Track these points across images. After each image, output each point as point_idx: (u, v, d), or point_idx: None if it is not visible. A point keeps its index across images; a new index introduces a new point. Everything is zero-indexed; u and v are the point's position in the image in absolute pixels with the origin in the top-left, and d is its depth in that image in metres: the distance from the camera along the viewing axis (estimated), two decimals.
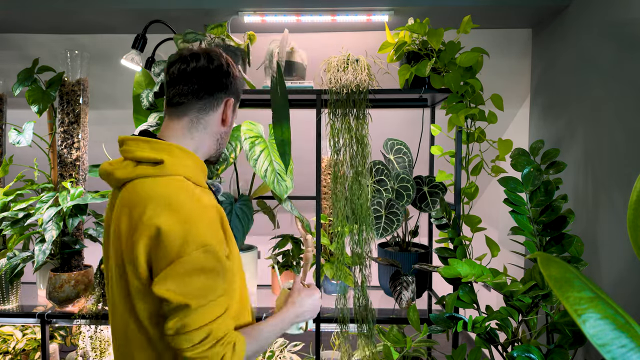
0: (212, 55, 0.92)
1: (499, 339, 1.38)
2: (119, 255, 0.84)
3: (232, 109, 0.96)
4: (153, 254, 0.79)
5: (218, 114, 0.94)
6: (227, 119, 0.96)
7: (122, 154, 0.88)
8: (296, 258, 1.96)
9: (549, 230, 1.39)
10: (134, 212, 0.81)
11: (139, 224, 0.79)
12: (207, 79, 0.90)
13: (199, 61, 0.90)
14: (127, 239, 0.81)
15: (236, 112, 1.01)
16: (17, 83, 1.77)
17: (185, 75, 0.90)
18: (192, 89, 0.90)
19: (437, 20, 1.90)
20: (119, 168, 0.86)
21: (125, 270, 0.82)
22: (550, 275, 0.47)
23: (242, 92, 1.02)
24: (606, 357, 0.43)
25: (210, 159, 1.00)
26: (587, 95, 1.60)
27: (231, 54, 1.71)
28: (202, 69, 0.90)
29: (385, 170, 1.79)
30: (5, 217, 1.75)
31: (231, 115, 0.97)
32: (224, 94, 0.94)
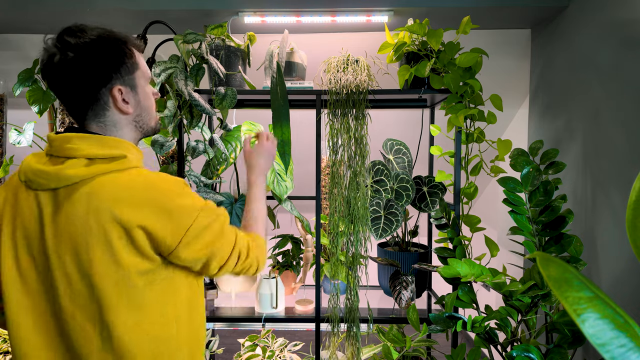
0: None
1: (498, 338, 1.38)
2: (83, 259, 0.81)
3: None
4: (155, 240, 0.82)
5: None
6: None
7: (63, 152, 0.83)
8: (296, 258, 1.96)
9: (548, 230, 1.40)
10: (114, 210, 0.79)
11: (124, 222, 0.79)
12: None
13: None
14: (104, 237, 0.80)
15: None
16: (17, 83, 1.77)
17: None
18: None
19: (437, 20, 1.90)
20: (67, 167, 0.82)
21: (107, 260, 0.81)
22: (549, 275, 0.48)
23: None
24: (605, 357, 0.43)
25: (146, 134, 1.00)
26: (587, 95, 1.61)
27: (231, 54, 1.71)
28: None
29: (384, 171, 1.79)
30: None
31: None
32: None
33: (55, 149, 0.84)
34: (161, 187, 0.84)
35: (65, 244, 0.81)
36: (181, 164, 1.67)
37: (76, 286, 0.81)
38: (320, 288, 1.68)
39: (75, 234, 0.80)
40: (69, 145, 0.83)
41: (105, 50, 0.85)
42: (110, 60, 0.86)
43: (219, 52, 1.69)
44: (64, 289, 0.81)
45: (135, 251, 0.81)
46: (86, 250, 0.80)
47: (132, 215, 0.79)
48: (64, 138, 0.84)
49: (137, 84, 0.91)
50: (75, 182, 0.81)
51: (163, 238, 0.81)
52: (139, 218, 0.80)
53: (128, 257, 0.81)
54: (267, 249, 1.07)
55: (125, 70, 0.88)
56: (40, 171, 0.83)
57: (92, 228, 0.79)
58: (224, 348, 2.22)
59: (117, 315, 0.81)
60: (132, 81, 0.90)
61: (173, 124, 1.59)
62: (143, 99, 0.93)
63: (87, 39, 0.83)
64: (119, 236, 0.80)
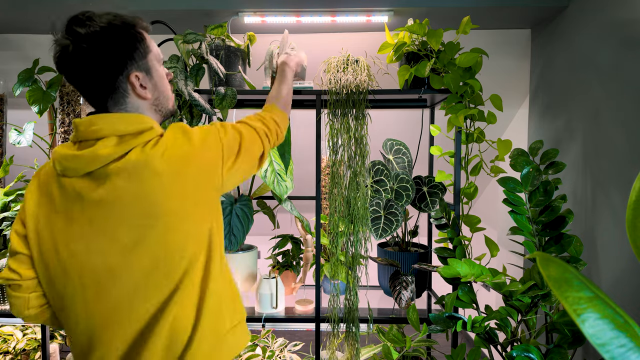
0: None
1: (498, 338, 1.38)
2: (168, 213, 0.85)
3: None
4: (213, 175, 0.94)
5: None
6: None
7: (91, 135, 0.85)
8: (296, 258, 1.96)
9: (548, 230, 1.40)
10: (170, 170, 0.85)
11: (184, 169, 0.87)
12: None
13: None
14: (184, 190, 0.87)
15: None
16: (17, 83, 1.77)
17: None
18: None
19: (437, 20, 1.91)
20: (99, 147, 0.83)
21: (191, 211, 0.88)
22: (549, 275, 0.48)
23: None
24: (605, 357, 0.43)
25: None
26: (587, 95, 1.61)
27: (231, 54, 1.71)
28: None
29: (384, 171, 1.79)
30: (5, 217, 1.75)
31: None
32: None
33: (82, 133, 0.86)
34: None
35: (116, 218, 0.84)
36: None
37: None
38: (320, 288, 1.68)
39: (130, 206, 0.83)
40: (94, 127, 0.84)
41: (117, 37, 0.85)
42: (124, 47, 0.86)
43: (219, 52, 1.69)
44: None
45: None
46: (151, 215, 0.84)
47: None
48: (89, 121, 0.85)
49: (151, 67, 0.92)
50: (111, 160, 0.83)
51: (217, 169, 0.93)
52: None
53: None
54: (284, 117, 1.23)
55: (139, 55, 0.89)
56: (73, 156, 0.84)
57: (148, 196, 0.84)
58: None
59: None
60: (146, 65, 0.90)
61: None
62: (159, 82, 0.94)
63: (97, 27, 0.83)
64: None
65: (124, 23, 0.86)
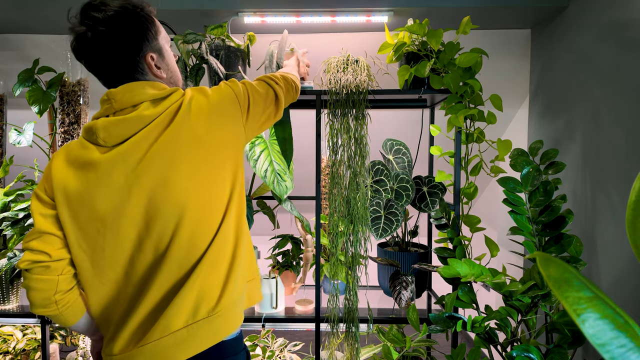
0: None
1: (498, 338, 1.38)
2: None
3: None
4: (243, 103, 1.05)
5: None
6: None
7: (128, 102, 0.91)
8: (296, 258, 1.96)
9: (548, 230, 1.40)
10: (200, 114, 0.95)
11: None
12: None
13: None
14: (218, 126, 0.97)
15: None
16: (17, 83, 1.77)
17: None
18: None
19: (437, 21, 1.91)
20: (142, 109, 0.91)
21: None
22: (549, 275, 0.48)
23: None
24: (605, 357, 0.43)
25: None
26: (586, 95, 1.61)
27: (231, 54, 1.71)
28: None
29: (384, 171, 1.79)
30: (5, 217, 1.75)
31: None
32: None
33: (118, 103, 0.91)
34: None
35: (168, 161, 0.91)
36: None
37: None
38: (320, 288, 1.68)
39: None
40: (133, 93, 0.91)
41: (131, 19, 0.90)
42: (138, 29, 0.92)
43: (219, 52, 1.69)
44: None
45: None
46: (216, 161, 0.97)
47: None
48: (126, 88, 0.92)
49: (163, 47, 0.98)
50: (151, 120, 0.91)
51: (236, 107, 1.03)
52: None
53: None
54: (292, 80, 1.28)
55: (151, 36, 0.95)
56: (120, 120, 0.90)
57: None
58: None
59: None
60: (158, 46, 0.97)
61: None
62: (170, 62, 1.01)
63: (112, 11, 0.88)
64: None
65: (134, 6, 0.91)
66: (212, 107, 0.97)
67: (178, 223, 0.90)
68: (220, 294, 0.94)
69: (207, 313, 0.92)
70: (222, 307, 0.94)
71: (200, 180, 0.92)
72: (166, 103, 0.93)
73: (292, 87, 1.26)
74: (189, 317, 0.90)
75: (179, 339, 0.89)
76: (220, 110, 0.98)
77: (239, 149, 1.02)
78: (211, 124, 0.95)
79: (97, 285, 0.93)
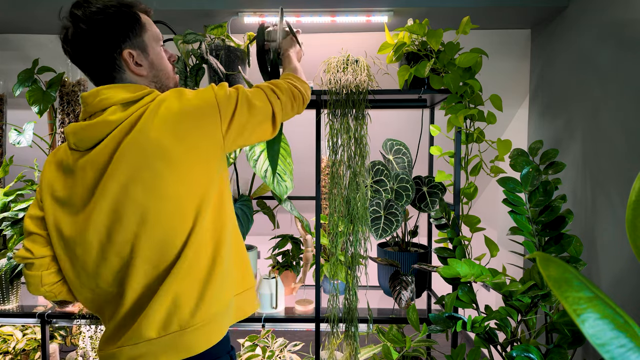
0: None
1: (498, 338, 1.38)
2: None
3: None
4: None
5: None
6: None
7: (98, 106, 0.91)
8: (296, 258, 1.96)
9: (547, 230, 1.40)
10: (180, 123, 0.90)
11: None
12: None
13: None
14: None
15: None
16: (17, 83, 1.77)
17: None
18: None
19: (437, 21, 1.90)
20: (108, 114, 0.89)
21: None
22: (549, 275, 0.48)
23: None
24: (605, 357, 0.43)
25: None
26: (586, 95, 1.61)
27: (231, 54, 1.71)
28: None
29: (384, 171, 1.79)
30: (5, 217, 1.75)
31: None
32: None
33: (90, 106, 0.92)
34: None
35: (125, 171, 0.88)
36: None
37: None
38: (320, 288, 1.68)
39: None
40: (100, 98, 0.91)
41: (112, 16, 0.91)
42: (118, 26, 0.92)
43: (219, 52, 1.69)
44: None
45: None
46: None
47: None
48: (94, 93, 0.92)
49: (148, 46, 0.97)
50: (117, 125, 0.89)
51: (214, 120, 0.95)
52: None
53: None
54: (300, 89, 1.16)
55: (133, 34, 0.94)
56: (87, 126, 0.90)
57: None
58: None
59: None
60: (141, 43, 0.96)
61: None
62: (156, 60, 0.99)
63: (93, 8, 0.90)
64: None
65: (120, 4, 0.92)
66: (183, 113, 0.90)
67: (138, 233, 0.88)
68: (195, 306, 0.90)
69: (179, 326, 0.89)
70: (198, 321, 0.90)
71: (162, 191, 0.88)
72: (136, 107, 0.90)
73: (298, 99, 1.14)
74: (161, 328, 0.88)
75: (152, 349, 0.88)
76: (195, 118, 0.90)
77: (213, 160, 0.94)
78: (179, 132, 0.88)
79: (78, 286, 0.95)
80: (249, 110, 0.99)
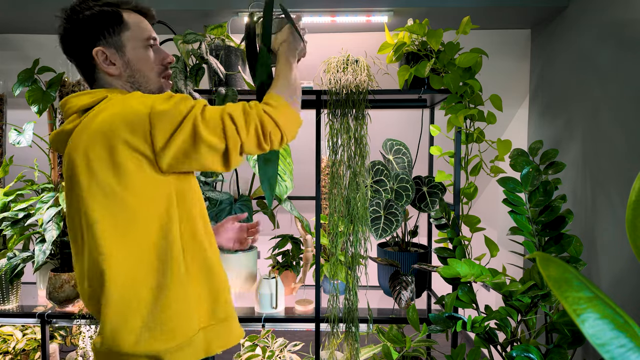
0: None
1: (498, 338, 1.38)
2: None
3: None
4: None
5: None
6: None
7: (66, 114, 0.91)
8: (296, 258, 1.96)
9: (547, 230, 1.40)
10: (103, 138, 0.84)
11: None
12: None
13: None
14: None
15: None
16: (17, 83, 1.77)
17: None
18: None
19: (437, 21, 1.90)
20: (66, 123, 0.90)
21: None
22: (549, 275, 0.48)
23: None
24: (605, 357, 0.43)
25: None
26: (586, 95, 1.61)
27: (231, 54, 1.71)
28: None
29: (384, 171, 1.79)
30: (5, 217, 1.75)
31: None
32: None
33: (63, 115, 0.93)
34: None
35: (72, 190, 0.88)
36: None
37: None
38: (320, 288, 1.68)
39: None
40: (68, 106, 0.91)
41: (89, 15, 0.90)
42: (95, 24, 0.91)
43: (219, 52, 1.69)
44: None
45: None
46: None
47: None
48: (64, 101, 0.92)
49: (125, 45, 0.93)
50: (69, 136, 0.89)
51: (141, 138, 0.86)
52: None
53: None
54: (291, 112, 0.94)
55: (110, 32, 0.92)
56: (55, 134, 0.93)
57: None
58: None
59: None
60: (118, 42, 0.92)
61: None
62: (134, 60, 0.94)
63: (77, 7, 0.91)
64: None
65: (105, 2, 0.92)
66: (113, 127, 0.81)
67: (81, 246, 0.90)
68: (135, 335, 0.84)
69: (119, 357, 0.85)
70: (140, 351, 0.84)
71: (86, 216, 0.84)
72: (86, 114, 0.87)
73: (268, 137, 0.90)
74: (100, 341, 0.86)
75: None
76: (124, 133, 0.81)
77: (138, 182, 0.84)
78: (104, 151, 0.81)
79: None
80: (193, 138, 0.83)
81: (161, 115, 0.82)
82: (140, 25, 0.95)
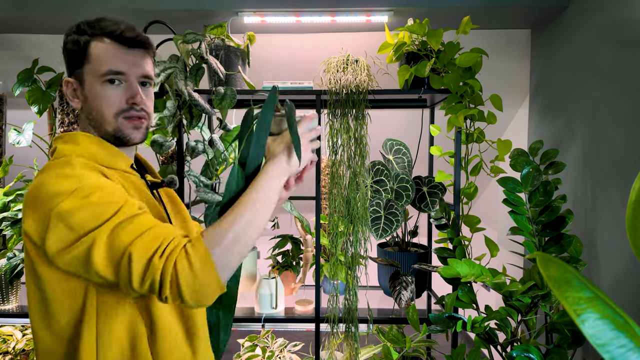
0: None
1: (498, 339, 1.38)
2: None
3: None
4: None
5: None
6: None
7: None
8: (296, 258, 1.96)
9: (548, 231, 1.40)
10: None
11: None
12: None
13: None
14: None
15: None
16: (17, 83, 1.77)
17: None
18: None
19: (437, 20, 1.90)
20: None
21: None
22: (549, 275, 0.48)
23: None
24: (605, 357, 0.43)
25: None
26: (587, 95, 1.61)
27: (231, 54, 1.71)
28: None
29: (384, 171, 1.79)
30: (5, 217, 1.75)
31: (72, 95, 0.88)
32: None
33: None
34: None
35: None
36: (181, 164, 1.67)
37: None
38: (320, 288, 1.68)
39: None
40: (51, 150, 0.87)
41: (65, 43, 0.86)
42: (66, 54, 0.86)
43: (219, 52, 1.69)
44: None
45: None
46: None
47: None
48: (53, 142, 0.87)
49: (84, 80, 0.84)
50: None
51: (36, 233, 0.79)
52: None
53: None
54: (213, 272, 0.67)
55: (73, 63, 0.85)
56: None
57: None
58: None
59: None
60: (80, 75, 0.85)
61: (172, 124, 1.59)
62: (90, 98, 0.84)
63: (66, 33, 0.86)
64: None
65: (77, 26, 0.85)
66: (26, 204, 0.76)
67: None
68: None
69: None
70: None
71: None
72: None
73: (170, 294, 0.66)
74: None
75: None
76: (30, 222, 0.74)
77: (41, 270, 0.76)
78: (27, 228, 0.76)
79: None
80: (84, 264, 0.70)
81: (60, 219, 0.70)
82: (102, 58, 0.82)
